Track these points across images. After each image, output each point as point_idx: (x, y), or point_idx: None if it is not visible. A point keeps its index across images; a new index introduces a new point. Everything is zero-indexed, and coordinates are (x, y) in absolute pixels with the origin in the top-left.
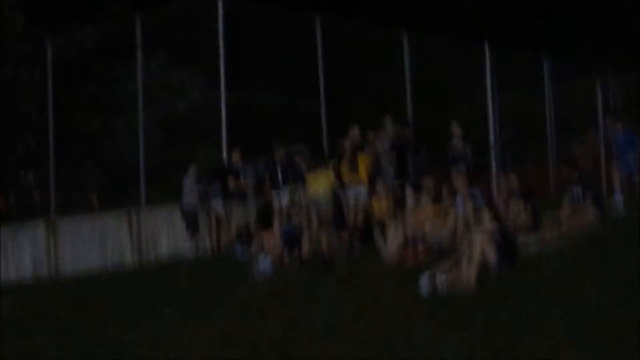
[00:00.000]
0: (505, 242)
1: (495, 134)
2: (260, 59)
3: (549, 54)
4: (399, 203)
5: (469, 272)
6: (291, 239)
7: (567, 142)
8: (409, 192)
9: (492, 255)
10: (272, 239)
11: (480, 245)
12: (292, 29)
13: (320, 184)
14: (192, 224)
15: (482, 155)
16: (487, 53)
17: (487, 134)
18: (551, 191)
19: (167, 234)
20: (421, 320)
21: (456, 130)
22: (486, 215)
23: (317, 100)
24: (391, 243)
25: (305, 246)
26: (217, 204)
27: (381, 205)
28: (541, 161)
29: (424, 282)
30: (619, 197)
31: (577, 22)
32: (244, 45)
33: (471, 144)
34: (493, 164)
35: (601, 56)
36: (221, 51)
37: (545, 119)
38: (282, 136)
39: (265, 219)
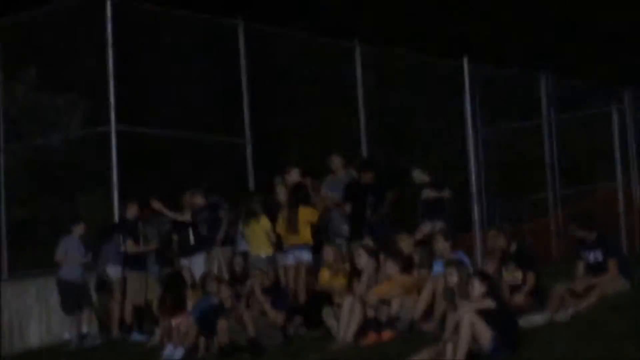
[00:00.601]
0: (503, 323)
1: (477, 179)
2: (164, 80)
3: (547, 73)
4: (357, 272)
5: None
6: (209, 323)
7: (574, 192)
8: (368, 259)
9: (486, 340)
10: (184, 323)
11: (470, 327)
12: (207, 39)
13: (259, 242)
14: (74, 302)
15: (461, 207)
16: (467, 71)
17: (466, 180)
18: (554, 256)
19: (38, 317)
20: None
21: (422, 177)
22: (478, 288)
23: (242, 135)
24: (346, 326)
25: (224, 332)
26: (114, 272)
27: (332, 276)
28: (540, 217)
29: None
30: None
31: (584, 34)
32: (142, 62)
33: (449, 193)
34: (476, 219)
35: (617, 76)
36: (110, 70)
37: (544, 161)
38: (194, 183)
39: (173, 297)
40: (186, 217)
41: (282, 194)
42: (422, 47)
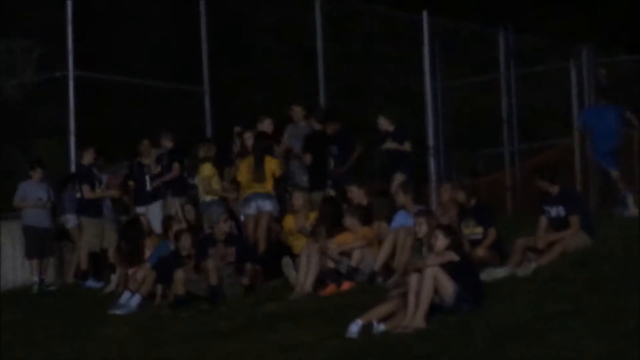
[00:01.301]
0: (466, 277)
1: (434, 132)
2: (124, 27)
3: (506, 28)
4: (317, 223)
5: (417, 317)
6: (166, 271)
7: (530, 148)
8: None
9: (448, 294)
10: (141, 271)
11: (433, 280)
12: None
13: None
14: (39, 247)
15: (418, 160)
16: (426, 25)
17: (423, 133)
18: (508, 211)
19: None
20: None
21: (386, 125)
22: (441, 241)
23: (200, 84)
24: (305, 276)
25: (181, 283)
26: (71, 221)
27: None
28: (495, 171)
29: (353, 330)
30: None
31: None
32: (102, 7)
33: (410, 146)
34: (433, 172)
35: (577, 30)
36: (69, 15)
37: (501, 114)
38: (152, 132)
39: (130, 244)
40: (173, 176)
41: (247, 142)
42: None
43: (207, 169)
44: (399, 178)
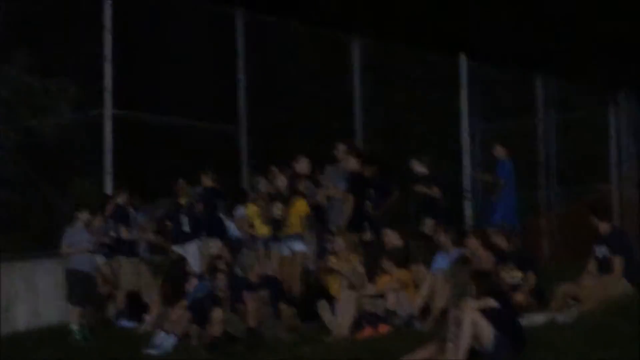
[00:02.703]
0: (506, 323)
1: (471, 177)
2: (161, 66)
3: (544, 73)
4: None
5: None
6: (202, 311)
7: (567, 193)
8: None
9: (487, 340)
10: (176, 312)
11: (472, 326)
12: (205, 26)
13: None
14: (83, 293)
15: (454, 205)
16: (463, 69)
17: (459, 177)
18: (544, 256)
19: (25, 298)
20: None
21: (419, 168)
22: (476, 287)
23: (236, 123)
24: (342, 319)
25: (218, 322)
26: (101, 260)
27: (340, 262)
28: (532, 216)
29: None
30: None
31: (582, 33)
32: (138, 46)
33: (438, 192)
34: (468, 217)
35: (614, 76)
36: (107, 53)
37: (538, 160)
38: (188, 171)
39: (172, 285)
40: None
41: (280, 182)
42: (419, 42)
43: (251, 208)
44: (428, 223)
